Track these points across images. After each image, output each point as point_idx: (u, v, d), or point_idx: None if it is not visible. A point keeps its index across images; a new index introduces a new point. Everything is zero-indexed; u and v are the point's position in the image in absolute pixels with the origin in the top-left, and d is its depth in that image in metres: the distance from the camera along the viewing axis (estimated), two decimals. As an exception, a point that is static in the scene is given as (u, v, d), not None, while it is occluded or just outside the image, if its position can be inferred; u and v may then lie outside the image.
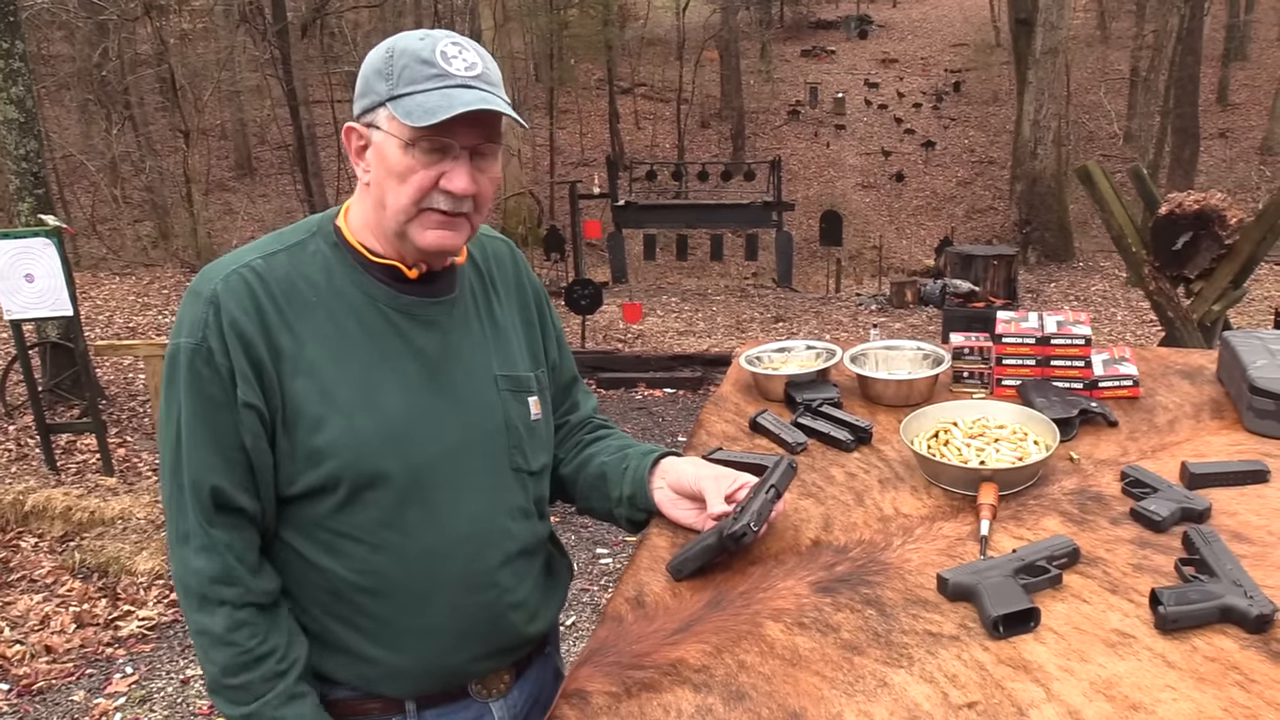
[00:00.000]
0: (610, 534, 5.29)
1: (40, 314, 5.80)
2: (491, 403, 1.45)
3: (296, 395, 1.31)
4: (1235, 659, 1.14)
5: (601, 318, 11.14)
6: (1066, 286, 14.38)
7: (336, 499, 1.33)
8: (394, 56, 1.30)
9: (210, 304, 1.30)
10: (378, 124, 1.32)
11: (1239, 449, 1.71)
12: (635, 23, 31.60)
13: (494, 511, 1.44)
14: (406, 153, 1.30)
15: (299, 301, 1.34)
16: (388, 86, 1.30)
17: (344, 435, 1.32)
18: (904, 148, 25.77)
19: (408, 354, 1.38)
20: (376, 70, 1.32)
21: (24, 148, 6.94)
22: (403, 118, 1.27)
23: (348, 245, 1.40)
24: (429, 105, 1.27)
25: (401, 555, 1.37)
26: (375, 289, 1.38)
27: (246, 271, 1.33)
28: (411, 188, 1.31)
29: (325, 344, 1.34)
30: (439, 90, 1.28)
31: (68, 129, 19.69)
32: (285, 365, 1.31)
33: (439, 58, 1.30)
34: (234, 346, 1.29)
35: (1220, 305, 5.61)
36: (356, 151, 1.36)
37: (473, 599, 1.42)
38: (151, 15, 16.67)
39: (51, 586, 4.74)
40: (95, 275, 13.40)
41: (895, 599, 1.32)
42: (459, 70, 1.30)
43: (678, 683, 1.17)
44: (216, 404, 1.29)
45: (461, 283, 1.48)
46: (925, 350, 2.14)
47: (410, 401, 1.37)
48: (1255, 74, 26.38)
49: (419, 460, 1.36)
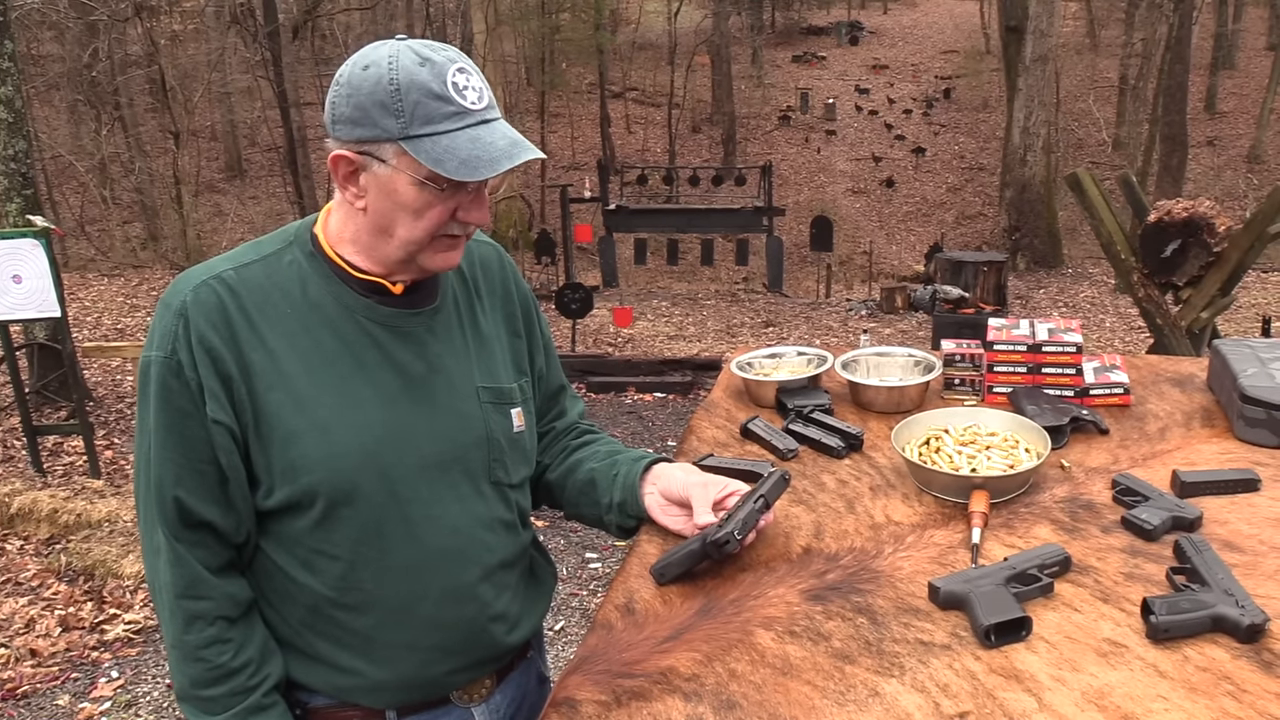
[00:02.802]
0: (599, 539, 5.28)
1: (28, 315, 5.76)
2: (472, 415, 1.43)
3: (270, 409, 1.29)
4: (1227, 669, 1.14)
5: (592, 322, 11.14)
6: (1056, 293, 14.44)
7: (313, 515, 1.32)
8: (401, 90, 1.22)
9: (180, 316, 1.28)
10: (382, 157, 1.25)
11: (1230, 457, 1.71)
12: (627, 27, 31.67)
13: (473, 525, 1.42)
14: (423, 190, 1.26)
15: (273, 314, 1.31)
16: (399, 125, 1.23)
17: (319, 449, 1.30)
18: (894, 154, 25.87)
19: (386, 366, 1.36)
20: (379, 104, 1.23)
21: (12, 148, 6.91)
22: (432, 165, 1.22)
23: (325, 256, 1.37)
24: (462, 155, 1.23)
25: (380, 571, 1.35)
26: (352, 300, 1.36)
27: (217, 283, 1.30)
28: (428, 222, 1.28)
29: (300, 357, 1.31)
30: (464, 132, 1.24)
31: (57, 129, 19.62)
32: (257, 379, 1.29)
33: (451, 90, 1.24)
34: (202, 362, 1.27)
35: (1208, 313, 5.63)
36: (345, 177, 1.29)
37: (453, 613, 1.40)
38: (142, 16, 16.62)
39: (37, 589, 4.70)
40: (84, 276, 13.35)
41: (886, 607, 1.31)
42: (474, 104, 1.26)
43: (668, 691, 1.17)
44: (186, 417, 1.28)
45: (444, 291, 1.45)
46: (917, 357, 2.14)
47: (388, 415, 1.35)
48: (1243, 82, 26.58)
49: (396, 475, 1.34)
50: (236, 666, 1.32)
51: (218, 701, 1.32)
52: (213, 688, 1.32)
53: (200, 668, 1.32)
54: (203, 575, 1.31)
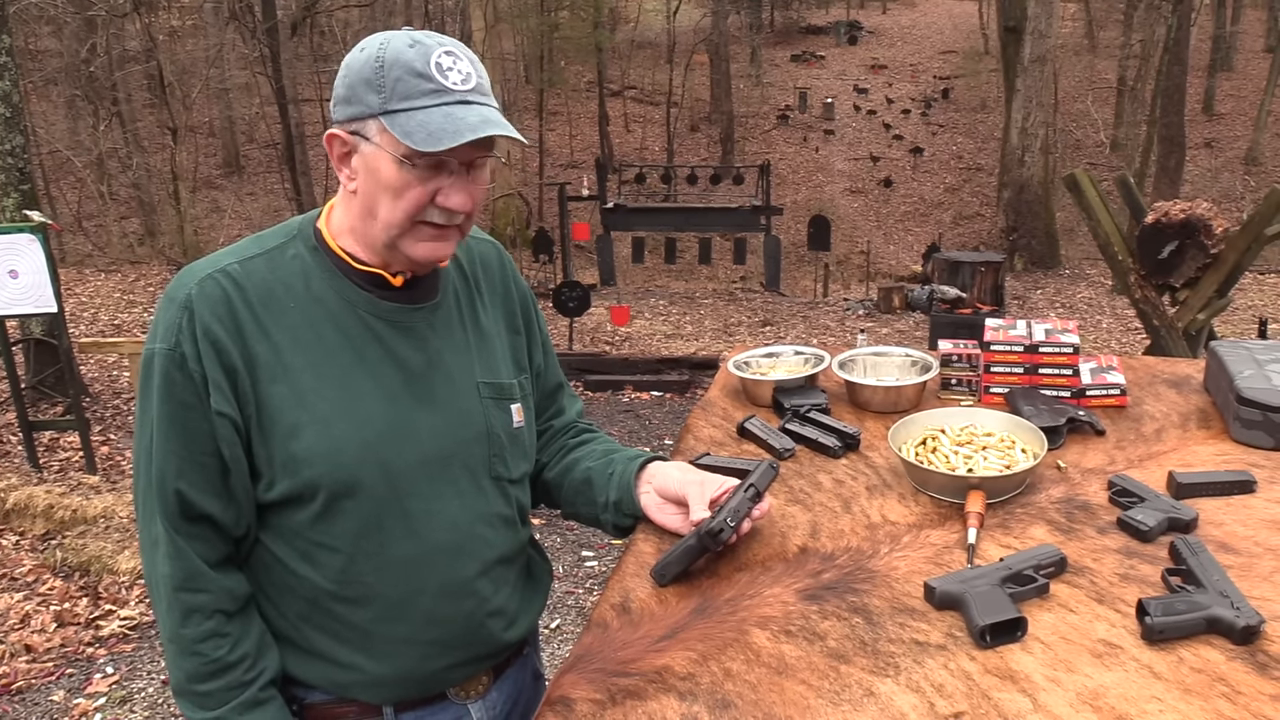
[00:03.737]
0: (595, 537, 5.28)
1: (24, 310, 5.75)
2: (473, 410, 1.43)
3: (273, 401, 1.30)
4: (1221, 670, 1.14)
5: (589, 320, 11.14)
6: (1053, 293, 14.45)
7: (314, 509, 1.32)
8: (385, 67, 1.25)
9: (185, 309, 1.28)
10: (367, 135, 1.28)
11: (1225, 459, 1.71)
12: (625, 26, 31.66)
13: (473, 520, 1.42)
14: (401, 169, 1.26)
15: (276, 307, 1.32)
16: (380, 100, 1.25)
17: (321, 442, 1.30)
18: (892, 153, 25.87)
19: (388, 361, 1.37)
20: (365, 80, 1.26)
21: (9, 143, 6.89)
22: (401, 137, 1.23)
23: (328, 250, 1.38)
24: (431, 127, 1.23)
25: (379, 565, 1.35)
26: (355, 295, 1.36)
27: (222, 277, 1.31)
28: (407, 203, 1.28)
29: (303, 350, 1.32)
30: (439, 108, 1.24)
31: (54, 124, 19.58)
32: (261, 372, 1.30)
33: (434, 70, 1.25)
34: (207, 353, 1.27)
35: (1205, 314, 5.64)
36: (340, 158, 1.32)
37: (451, 608, 1.41)
38: (140, 11, 16.58)
39: (32, 585, 4.70)
40: (80, 272, 13.33)
41: (882, 607, 1.31)
42: (456, 84, 1.26)
43: (663, 690, 1.17)
44: (189, 409, 1.28)
45: (445, 287, 1.46)
46: (914, 357, 2.14)
47: (389, 409, 1.35)
48: (1241, 84, 26.61)
49: (396, 469, 1.34)
50: (233, 661, 1.32)
51: (214, 696, 1.32)
52: (209, 682, 1.32)
53: (196, 661, 1.32)
54: (201, 568, 1.31)
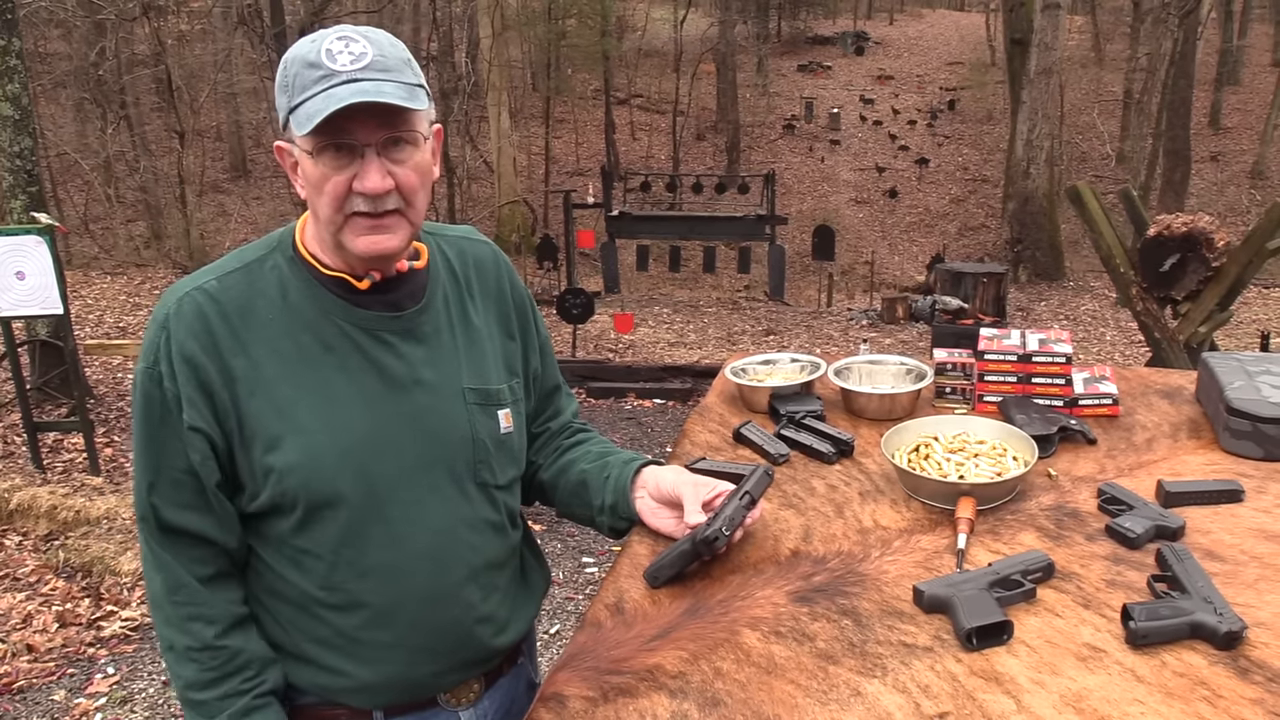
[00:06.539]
0: (596, 543, 5.29)
1: (30, 312, 5.79)
2: (457, 416, 1.43)
3: (252, 415, 1.31)
4: (1203, 675, 1.16)
5: (593, 327, 11.16)
6: (1056, 305, 14.44)
7: (295, 517, 1.33)
8: (287, 66, 1.28)
9: (163, 329, 1.31)
10: (291, 138, 1.30)
11: (1215, 468, 1.73)
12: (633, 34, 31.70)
13: (456, 526, 1.42)
14: (317, 162, 1.28)
15: (254, 321, 1.33)
16: (287, 99, 1.27)
17: (299, 452, 1.31)
18: (898, 164, 25.88)
19: (368, 369, 1.37)
20: (279, 84, 1.29)
21: (18, 145, 6.94)
22: (296, 129, 1.26)
23: (302, 259, 1.39)
24: (311, 111, 1.24)
25: (363, 572, 1.36)
26: (332, 303, 1.37)
27: (199, 294, 1.33)
28: (329, 196, 1.29)
29: (282, 362, 1.33)
30: (322, 93, 1.24)
31: (63, 127, 19.68)
32: (240, 386, 1.31)
33: (324, 57, 1.25)
34: (181, 371, 1.29)
35: (1206, 327, 5.65)
36: (291, 168, 1.35)
37: (437, 614, 1.41)
38: (149, 15, 16.66)
39: (35, 585, 4.72)
40: (86, 274, 13.38)
41: (871, 610, 1.33)
42: (344, 65, 1.25)
43: (654, 688, 1.19)
44: (165, 427, 1.31)
45: (432, 290, 1.46)
46: (908, 365, 2.16)
47: (369, 417, 1.36)
48: (1247, 98, 26.61)
49: (376, 476, 1.35)
50: (230, 671, 1.34)
51: (209, 705, 1.34)
52: (207, 690, 1.34)
53: (193, 669, 1.34)
54: (186, 580, 1.33)
